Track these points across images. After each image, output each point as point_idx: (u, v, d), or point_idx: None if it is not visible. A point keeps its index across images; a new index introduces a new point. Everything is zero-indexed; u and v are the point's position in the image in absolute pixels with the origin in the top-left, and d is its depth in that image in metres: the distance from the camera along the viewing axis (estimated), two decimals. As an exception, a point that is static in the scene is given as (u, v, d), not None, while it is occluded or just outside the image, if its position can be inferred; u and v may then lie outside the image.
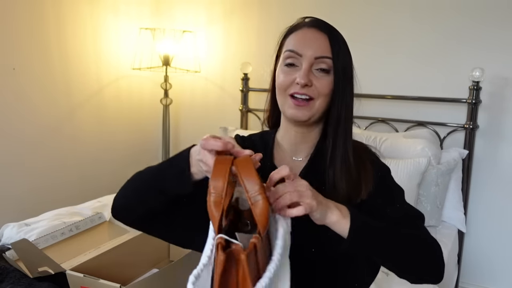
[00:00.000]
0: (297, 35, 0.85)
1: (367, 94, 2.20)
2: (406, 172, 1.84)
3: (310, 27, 0.85)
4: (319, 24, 0.86)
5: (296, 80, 0.82)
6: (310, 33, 0.84)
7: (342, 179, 0.83)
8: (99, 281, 1.02)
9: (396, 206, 0.87)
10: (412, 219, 0.86)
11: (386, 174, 0.92)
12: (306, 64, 0.82)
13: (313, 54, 0.82)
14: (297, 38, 0.85)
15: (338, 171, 0.83)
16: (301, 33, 0.85)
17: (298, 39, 0.84)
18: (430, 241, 0.83)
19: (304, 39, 0.84)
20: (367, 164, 0.87)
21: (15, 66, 2.18)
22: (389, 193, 0.89)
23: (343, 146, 0.85)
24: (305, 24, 0.86)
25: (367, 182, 0.85)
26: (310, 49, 0.82)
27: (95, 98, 2.60)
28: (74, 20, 2.42)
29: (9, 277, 1.19)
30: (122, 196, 0.83)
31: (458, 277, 2.14)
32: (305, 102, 0.83)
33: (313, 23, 0.86)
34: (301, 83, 0.81)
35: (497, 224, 2.10)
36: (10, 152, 2.19)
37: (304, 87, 0.82)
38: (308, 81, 0.81)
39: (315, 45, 0.82)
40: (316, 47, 0.82)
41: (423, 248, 0.81)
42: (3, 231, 1.68)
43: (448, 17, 2.09)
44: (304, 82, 0.81)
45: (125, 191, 0.83)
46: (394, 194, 0.89)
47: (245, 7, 2.63)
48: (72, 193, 2.49)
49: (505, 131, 2.04)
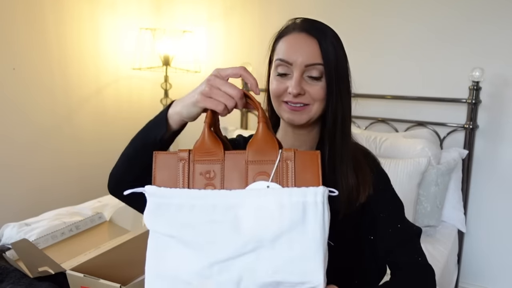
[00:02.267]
0: (286, 41, 0.83)
1: (367, 94, 2.20)
2: (406, 172, 1.84)
3: (300, 32, 0.82)
4: (309, 27, 0.82)
5: (289, 90, 0.81)
6: (300, 38, 0.82)
7: (340, 182, 0.83)
8: (99, 281, 1.02)
9: (398, 227, 0.87)
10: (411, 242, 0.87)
11: (388, 186, 0.92)
12: (297, 73, 0.80)
13: (304, 61, 0.80)
14: (287, 45, 0.83)
15: (337, 174, 0.83)
16: (291, 38, 0.83)
17: (288, 46, 0.82)
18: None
19: (293, 46, 0.81)
20: (365, 168, 0.87)
21: (15, 66, 2.18)
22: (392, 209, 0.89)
23: (341, 148, 0.84)
24: (294, 28, 0.84)
25: (365, 185, 0.85)
26: (300, 56, 0.80)
27: (95, 98, 2.61)
28: (74, 20, 2.42)
29: (9, 277, 1.19)
30: (113, 168, 0.85)
31: (458, 277, 2.14)
32: (300, 107, 0.82)
33: (303, 26, 0.83)
34: (293, 93, 0.80)
35: (497, 224, 2.10)
36: (10, 152, 2.19)
37: (297, 96, 0.81)
38: (300, 90, 0.80)
39: (304, 52, 0.80)
40: (306, 54, 0.80)
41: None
42: (3, 231, 1.68)
43: (448, 17, 2.09)
44: (297, 92, 0.80)
45: (116, 163, 0.86)
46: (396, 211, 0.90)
47: (245, 6, 2.63)
48: (72, 193, 2.49)
49: (505, 131, 2.04)
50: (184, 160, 0.69)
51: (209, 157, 0.68)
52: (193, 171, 0.68)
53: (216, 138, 0.70)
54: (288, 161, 0.66)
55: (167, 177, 0.68)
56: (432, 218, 1.95)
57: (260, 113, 0.69)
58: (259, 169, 0.67)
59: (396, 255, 0.85)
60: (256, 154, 0.68)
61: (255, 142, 0.68)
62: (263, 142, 0.68)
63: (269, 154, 0.67)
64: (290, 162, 0.66)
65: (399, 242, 0.86)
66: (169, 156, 0.70)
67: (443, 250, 1.83)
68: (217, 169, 0.68)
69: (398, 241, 0.86)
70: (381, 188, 0.89)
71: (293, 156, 0.66)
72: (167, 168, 0.69)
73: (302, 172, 0.66)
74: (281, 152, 0.67)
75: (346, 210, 0.83)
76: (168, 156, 0.70)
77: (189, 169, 0.68)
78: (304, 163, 0.66)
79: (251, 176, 0.66)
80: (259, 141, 0.68)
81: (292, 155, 0.66)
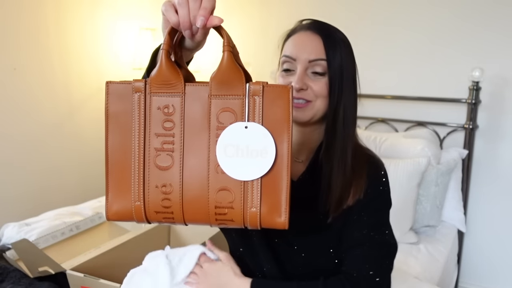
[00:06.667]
0: (293, 39, 0.85)
1: (367, 94, 2.20)
2: (406, 172, 1.84)
3: (306, 30, 0.84)
4: (315, 26, 0.84)
5: (291, 84, 0.81)
6: (305, 36, 0.83)
7: (337, 182, 0.82)
8: (100, 281, 1.02)
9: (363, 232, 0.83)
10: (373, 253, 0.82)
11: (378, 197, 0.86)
12: (300, 68, 0.82)
13: (307, 57, 0.81)
14: (293, 42, 0.85)
15: (334, 173, 0.82)
16: (296, 37, 0.85)
17: (294, 44, 0.84)
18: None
19: (299, 43, 0.83)
20: (362, 171, 0.84)
21: (16, 66, 2.18)
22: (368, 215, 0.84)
23: (341, 148, 0.83)
24: (301, 28, 0.86)
25: (357, 188, 0.82)
26: (304, 52, 0.82)
27: (96, 98, 2.61)
28: (74, 20, 2.43)
29: (10, 277, 1.19)
30: None
31: (457, 277, 2.14)
32: (303, 103, 0.82)
33: (309, 25, 0.85)
34: (295, 87, 0.80)
35: (497, 224, 2.11)
36: (11, 152, 2.20)
37: (300, 91, 0.81)
38: (303, 85, 0.81)
39: (308, 48, 0.82)
40: (309, 50, 0.82)
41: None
42: (3, 231, 1.69)
43: (448, 17, 2.09)
44: (299, 87, 0.80)
45: None
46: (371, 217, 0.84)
47: (245, 6, 2.63)
48: (73, 193, 2.49)
49: (505, 131, 2.04)
50: (139, 92, 0.62)
51: (168, 89, 0.62)
52: (150, 104, 0.62)
53: (176, 68, 0.62)
54: (255, 96, 0.61)
55: (122, 109, 0.63)
56: (432, 218, 1.95)
57: (225, 41, 0.63)
58: (224, 105, 0.61)
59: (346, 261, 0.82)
60: (220, 87, 0.61)
61: (219, 73, 0.61)
62: (228, 73, 0.61)
63: (235, 87, 0.61)
64: (258, 98, 0.61)
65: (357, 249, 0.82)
66: (123, 86, 0.63)
67: (443, 250, 1.83)
68: (177, 103, 0.62)
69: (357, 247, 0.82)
70: (373, 196, 0.84)
71: (261, 91, 0.61)
72: (121, 100, 0.62)
73: (270, 109, 0.61)
74: (248, 86, 0.61)
75: (335, 211, 0.82)
76: (122, 86, 0.63)
77: (145, 102, 0.62)
78: (273, 99, 0.61)
79: (214, 113, 0.61)
80: (224, 72, 0.61)
81: (260, 89, 0.60)
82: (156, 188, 0.62)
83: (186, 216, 0.63)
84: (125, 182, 0.63)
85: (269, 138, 0.60)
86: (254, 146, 0.60)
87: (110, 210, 0.64)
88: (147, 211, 0.63)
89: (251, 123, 0.60)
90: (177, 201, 0.62)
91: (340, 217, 0.83)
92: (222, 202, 0.61)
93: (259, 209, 0.61)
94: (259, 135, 0.60)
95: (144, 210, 0.63)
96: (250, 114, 0.61)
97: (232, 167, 0.60)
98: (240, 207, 0.61)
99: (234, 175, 0.61)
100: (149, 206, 0.63)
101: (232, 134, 0.60)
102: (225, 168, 0.61)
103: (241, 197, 0.61)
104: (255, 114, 0.61)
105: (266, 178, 0.61)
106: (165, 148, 0.62)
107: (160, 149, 0.62)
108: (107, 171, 0.64)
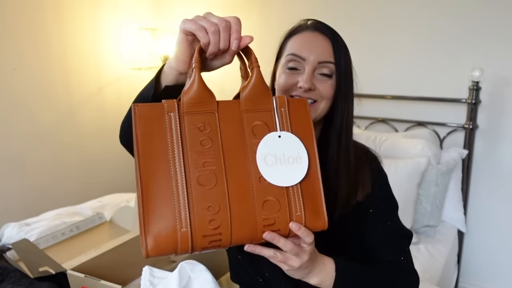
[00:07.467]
0: (299, 38, 0.85)
1: (367, 94, 2.20)
2: (406, 172, 1.84)
3: (313, 31, 0.84)
4: (322, 27, 0.85)
5: (299, 84, 0.81)
6: (313, 36, 0.83)
7: (344, 182, 0.83)
8: (100, 282, 1.02)
9: (387, 224, 0.88)
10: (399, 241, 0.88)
11: (384, 183, 0.92)
12: (309, 68, 0.82)
13: (317, 58, 0.82)
14: (300, 41, 0.84)
15: (342, 174, 0.84)
16: (303, 36, 0.84)
17: (301, 43, 0.84)
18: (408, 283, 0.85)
19: (307, 43, 0.83)
20: (365, 167, 0.88)
21: (15, 66, 2.18)
22: (384, 207, 0.90)
23: (346, 149, 0.85)
24: (307, 27, 0.85)
25: (364, 184, 0.86)
26: (313, 53, 0.82)
27: (96, 98, 2.61)
28: (74, 20, 2.43)
29: (10, 277, 1.20)
30: (123, 119, 0.87)
31: (457, 277, 2.14)
32: (311, 104, 0.83)
33: (316, 26, 0.85)
34: (304, 87, 0.81)
35: (497, 224, 2.11)
36: (11, 152, 2.20)
37: (308, 91, 0.82)
38: (311, 85, 0.81)
39: (318, 50, 0.82)
40: (319, 52, 0.82)
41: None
42: (3, 231, 1.69)
43: (447, 17, 2.09)
44: (308, 87, 0.81)
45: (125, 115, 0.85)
46: (388, 208, 0.90)
47: (245, 6, 2.63)
48: (73, 193, 2.49)
49: (505, 131, 2.04)
50: (172, 112, 0.60)
51: (202, 107, 0.61)
52: (185, 124, 0.60)
53: (206, 85, 0.62)
54: (282, 108, 0.66)
55: (154, 132, 0.59)
56: (432, 218, 1.95)
57: (253, 57, 0.66)
58: (256, 118, 0.64)
59: (382, 252, 0.86)
60: (251, 102, 0.64)
61: (251, 89, 0.64)
62: (259, 89, 0.64)
63: (264, 101, 0.65)
64: (284, 109, 0.66)
65: (386, 240, 0.86)
66: (153, 108, 0.60)
67: (443, 250, 1.83)
68: (212, 121, 0.62)
69: (386, 238, 0.86)
70: (377, 185, 0.89)
71: (286, 103, 0.66)
72: (152, 122, 0.60)
73: (295, 118, 0.66)
74: (274, 99, 0.66)
75: (342, 210, 0.83)
76: (151, 108, 0.60)
77: (180, 121, 0.60)
78: (295, 109, 0.67)
79: (248, 126, 0.63)
80: (255, 89, 0.64)
81: (285, 102, 0.66)
82: (203, 209, 0.59)
83: (234, 234, 0.60)
84: (166, 210, 0.58)
85: (300, 144, 0.65)
86: (290, 153, 0.64)
87: (150, 245, 0.58)
88: (194, 236, 0.58)
89: (283, 132, 0.64)
90: (225, 220, 0.60)
91: (348, 214, 0.85)
92: (270, 211, 0.62)
93: (303, 213, 0.63)
94: (292, 142, 0.65)
95: (191, 236, 0.58)
96: (280, 124, 0.65)
97: (274, 176, 0.63)
98: (286, 214, 0.63)
99: (278, 183, 0.63)
100: (196, 230, 0.58)
101: (268, 144, 0.64)
102: (268, 177, 0.62)
103: (286, 204, 0.63)
104: (284, 124, 0.65)
105: (304, 182, 0.64)
106: (206, 167, 0.60)
107: (202, 169, 0.60)
108: (143, 201, 0.58)
